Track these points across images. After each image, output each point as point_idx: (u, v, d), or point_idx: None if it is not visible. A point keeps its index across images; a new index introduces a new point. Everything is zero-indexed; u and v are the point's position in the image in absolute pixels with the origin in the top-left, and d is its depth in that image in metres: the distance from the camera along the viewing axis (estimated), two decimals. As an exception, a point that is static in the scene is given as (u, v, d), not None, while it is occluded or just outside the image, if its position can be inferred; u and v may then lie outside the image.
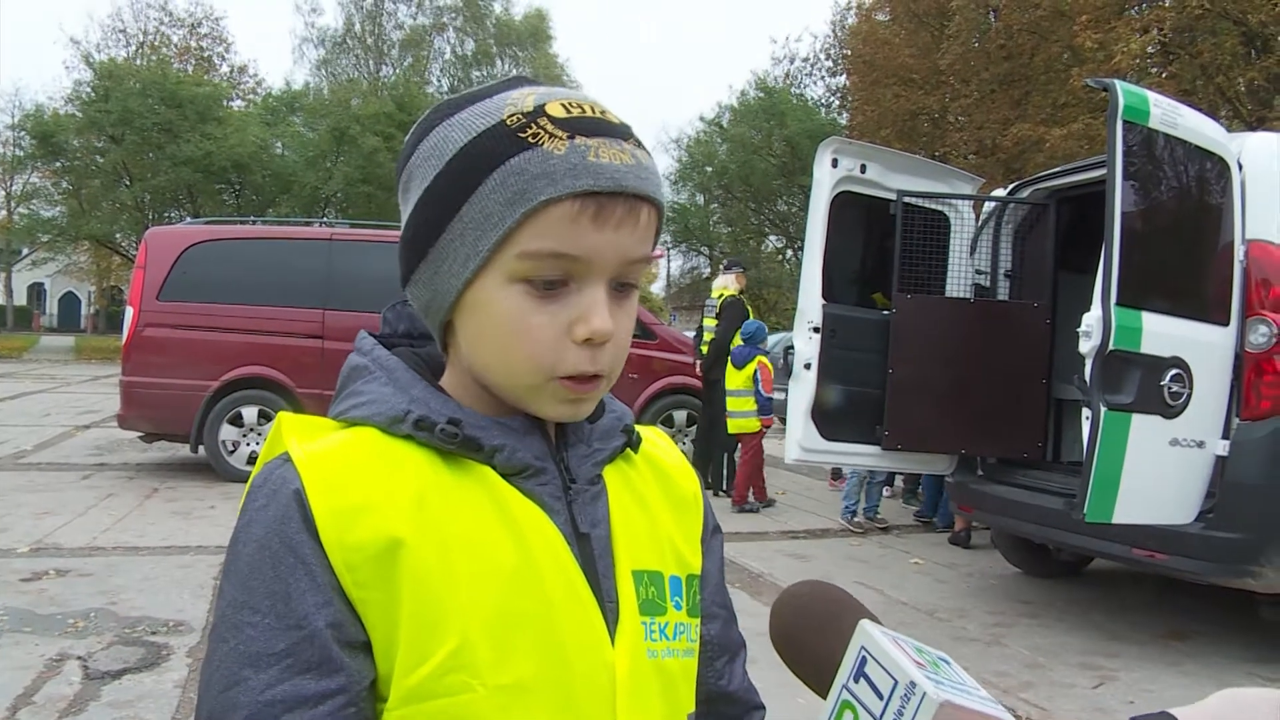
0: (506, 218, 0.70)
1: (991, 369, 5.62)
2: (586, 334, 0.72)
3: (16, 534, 6.34)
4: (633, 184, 0.71)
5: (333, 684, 0.67)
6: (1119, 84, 4.28)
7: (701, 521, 0.91)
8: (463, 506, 0.72)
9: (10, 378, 20.90)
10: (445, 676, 0.68)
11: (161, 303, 8.65)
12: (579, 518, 0.77)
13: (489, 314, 0.73)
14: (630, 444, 0.85)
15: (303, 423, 0.75)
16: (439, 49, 42.55)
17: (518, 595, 0.71)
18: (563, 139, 0.70)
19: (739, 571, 6.10)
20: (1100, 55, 15.87)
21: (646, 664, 0.77)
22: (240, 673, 0.67)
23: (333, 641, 0.67)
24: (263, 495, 0.70)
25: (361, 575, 0.68)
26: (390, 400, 0.75)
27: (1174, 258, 4.62)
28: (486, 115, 0.73)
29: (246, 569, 0.69)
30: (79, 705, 3.70)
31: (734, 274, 9.39)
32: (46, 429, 12.00)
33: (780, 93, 34.85)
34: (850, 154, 5.75)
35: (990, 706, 0.61)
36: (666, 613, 0.80)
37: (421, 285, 0.77)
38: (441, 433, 0.73)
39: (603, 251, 0.72)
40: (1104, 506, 4.22)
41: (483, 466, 0.75)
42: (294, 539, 0.68)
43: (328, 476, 0.70)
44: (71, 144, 31.17)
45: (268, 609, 0.67)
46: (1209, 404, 4.47)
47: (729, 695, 0.92)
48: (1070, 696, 4.21)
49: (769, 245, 40.81)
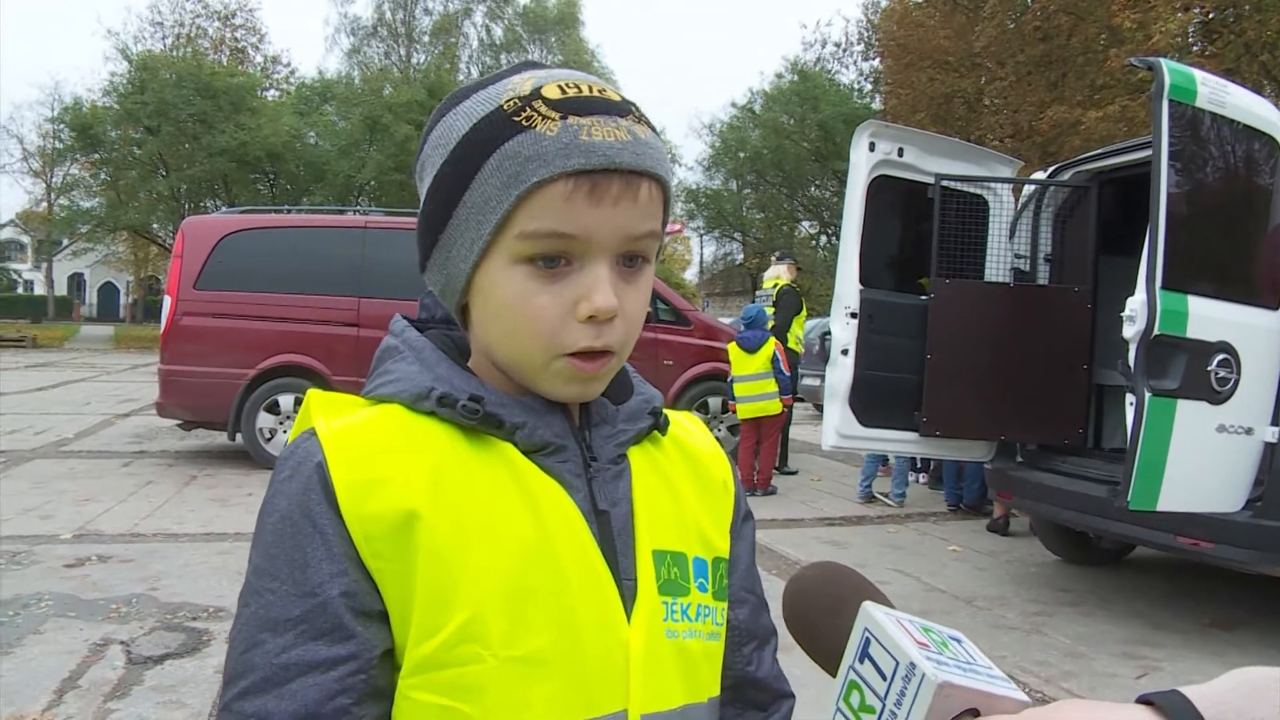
0: (503, 200, 0.72)
1: (1031, 354, 5.53)
2: (590, 311, 0.73)
3: (60, 520, 6.43)
4: (627, 160, 0.72)
5: (343, 650, 0.69)
6: (1164, 62, 4.18)
7: (733, 507, 0.90)
8: (481, 482, 0.74)
9: (52, 366, 21.25)
10: (457, 647, 0.69)
11: (199, 291, 8.73)
12: (598, 495, 0.78)
13: (496, 296, 0.75)
14: (658, 426, 0.86)
15: (331, 400, 0.78)
16: (468, 36, 42.63)
17: (532, 569, 0.72)
18: (555, 120, 0.71)
19: (776, 558, 6.07)
20: (1139, 35, 15.60)
21: (665, 644, 0.77)
22: (258, 635, 0.70)
23: (345, 610, 0.70)
24: (288, 468, 0.73)
25: (379, 546, 0.70)
26: (416, 378, 0.77)
27: (1221, 240, 4.52)
28: (487, 102, 0.75)
29: (270, 537, 0.72)
30: (123, 689, 3.74)
31: (786, 264, 9.72)
32: (87, 417, 12.17)
33: (814, 76, 34.58)
34: (888, 137, 5.67)
35: (997, 684, 0.61)
36: (689, 594, 0.80)
37: (436, 270, 0.79)
38: (463, 409, 0.75)
39: (601, 229, 0.72)
40: (1148, 494, 4.15)
41: (504, 443, 0.76)
42: (314, 510, 0.70)
43: (349, 451, 0.72)
44: (109, 135, 31.62)
45: (286, 576, 0.70)
46: (1258, 390, 4.38)
47: (757, 681, 0.91)
48: (1113, 686, 4.15)
49: (802, 231, 40.60)
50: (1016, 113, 20.90)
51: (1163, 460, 4.16)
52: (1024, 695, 0.61)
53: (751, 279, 42.19)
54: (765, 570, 5.98)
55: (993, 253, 5.83)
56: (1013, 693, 0.61)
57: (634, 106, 0.76)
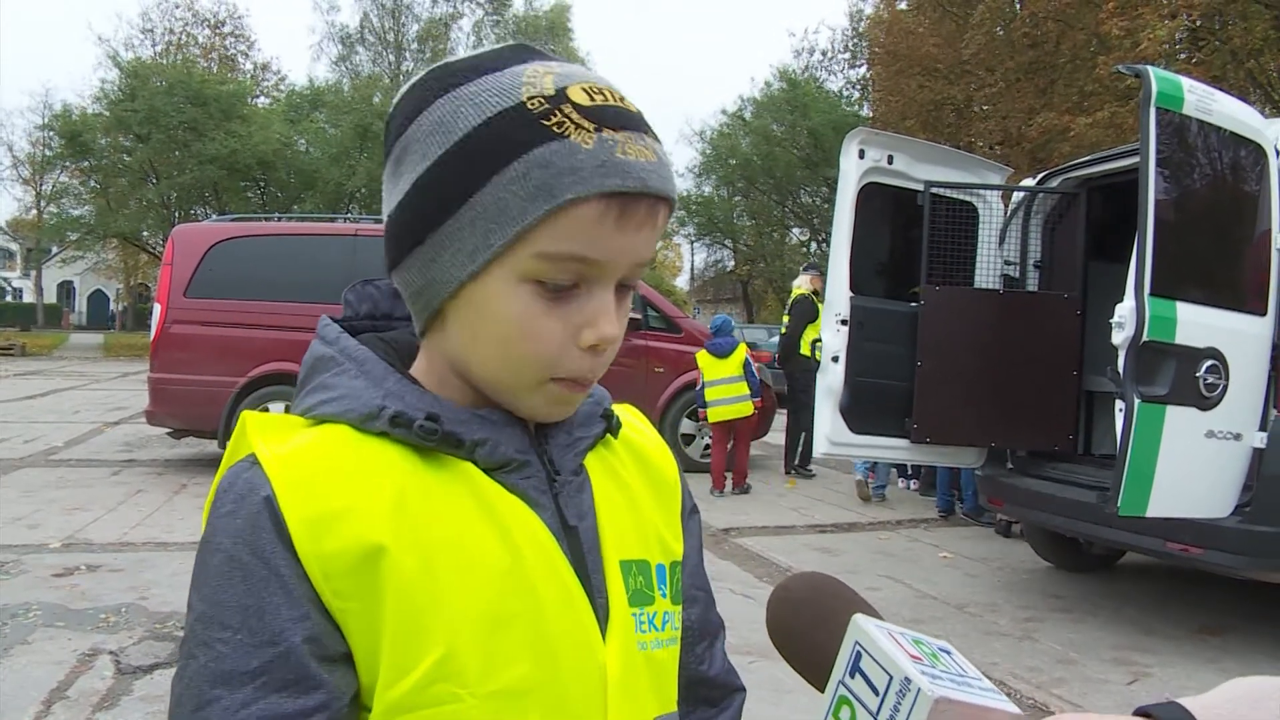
0: (527, 213, 0.65)
1: (1021, 361, 5.55)
2: (595, 340, 0.69)
3: (48, 530, 6.39)
4: (657, 184, 0.67)
5: (311, 702, 0.63)
6: (1152, 70, 4.21)
7: (680, 503, 0.88)
8: (445, 507, 0.69)
9: (41, 375, 21.15)
10: (431, 687, 0.65)
11: (188, 299, 8.70)
12: (566, 511, 0.74)
13: (492, 312, 0.69)
14: (610, 429, 0.82)
15: (269, 421, 0.71)
16: (457, 42, 42.61)
17: (507, 597, 0.68)
18: (589, 131, 0.65)
19: (766, 565, 6.07)
20: (1127, 43, 15.66)
21: (637, 656, 0.75)
22: (212, 692, 0.63)
23: (310, 657, 0.64)
24: (229, 501, 0.66)
25: (340, 585, 0.64)
26: (362, 395, 0.71)
27: (1209, 246, 4.54)
28: (502, 94, 0.67)
29: (216, 581, 0.65)
30: (111, 699, 3.72)
31: (809, 275, 9.85)
32: (76, 425, 12.11)
33: (804, 84, 34.68)
34: (877, 144, 5.69)
35: (991, 698, 0.59)
36: (655, 602, 0.78)
37: (414, 271, 0.71)
38: (420, 429, 0.69)
39: (620, 255, 0.68)
40: (1138, 500, 4.16)
41: (463, 462, 0.71)
42: (265, 549, 0.64)
43: (300, 480, 0.66)
44: (99, 143, 31.55)
45: (239, 624, 0.63)
46: (1246, 395, 4.40)
47: (709, 679, 0.90)
48: (1104, 693, 4.16)
49: (793, 238, 40.67)
50: (1006, 119, 20.96)
51: (1152, 466, 4.18)
52: (1016, 708, 0.60)
53: (742, 286, 42.26)
54: (756, 577, 6.00)
55: (982, 259, 5.85)
56: (1005, 705, 0.59)
57: (645, 118, 0.71)
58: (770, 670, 4.21)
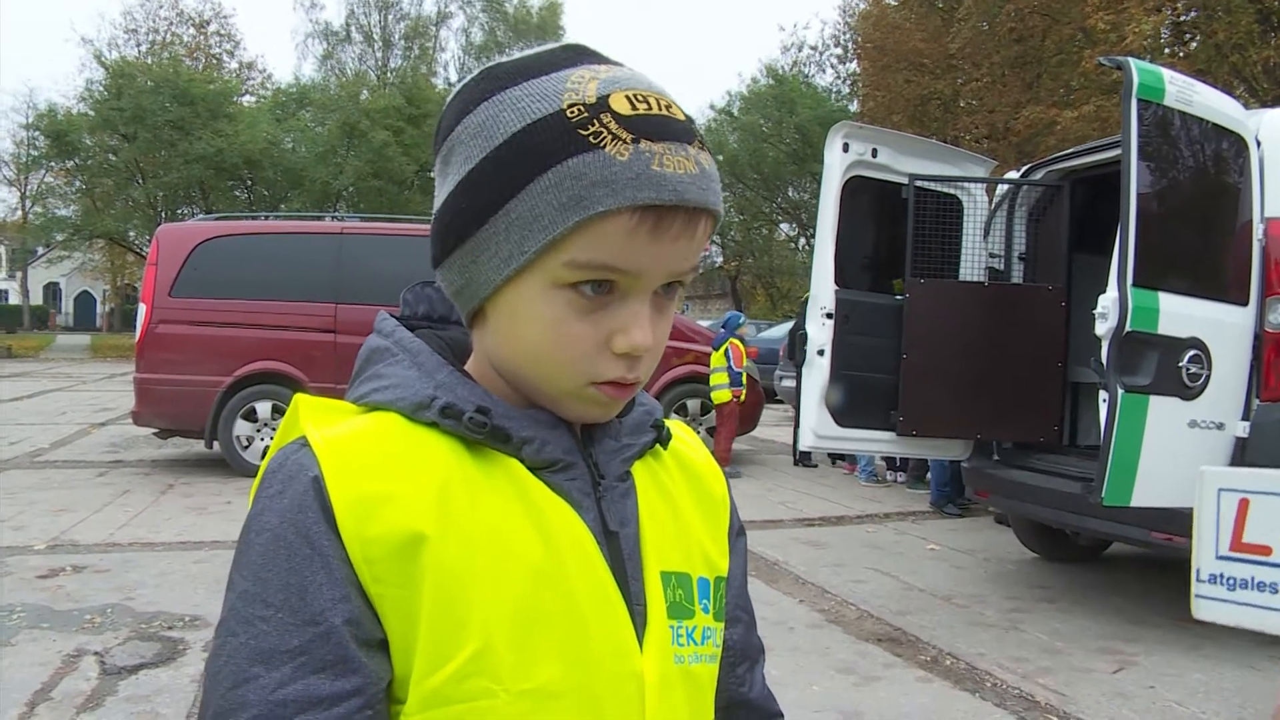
0: (558, 223, 0.65)
1: (1006, 353, 5.56)
2: (626, 347, 0.69)
3: (33, 531, 6.36)
4: (695, 196, 0.67)
5: (348, 685, 0.64)
6: (1133, 61, 4.21)
7: (728, 522, 0.88)
8: (488, 500, 0.69)
9: (27, 377, 21.05)
10: (465, 681, 0.65)
11: (174, 299, 8.67)
12: (608, 515, 0.74)
13: (527, 316, 0.69)
14: (660, 440, 0.82)
15: (321, 406, 0.72)
16: (445, 40, 42.55)
17: (543, 595, 0.68)
18: (626, 143, 0.65)
19: (755, 560, 6.07)
20: (1113, 37, 15.70)
21: (674, 670, 0.74)
22: (250, 669, 0.63)
23: (350, 640, 0.64)
24: (278, 481, 0.67)
25: (380, 570, 0.65)
26: (415, 385, 0.71)
27: (1191, 237, 4.56)
28: (544, 99, 0.67)
29: (259, 560, 0.65)
30: (96, 700, 3.70)
31: None
32: (63, 427, 12.06)
33: (790, 80, 34.71)
34: (861, 138, 5.70)
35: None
36: (694, 616, 0.77)
37: (456, 271, 0.72)
38: (470, 422, 0.69)
39: (654, 266, 0.68)
40: (1122, 490, 4.18)
41: (509, 458, 0.71)
42: (311, 529, 0.65)
43: (348, 464, 0.66)
44: (84, 143, 31.39)
45: (281, 603, 0.64)
46: (1228, 385, 4.42)
47: (749, 703, 0.90)
48: (1090, 681, 4.18)
49: (781, 233, 40.71)
50: (992, 113, 21.02)
51: (1136, 456, 4.19)
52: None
53: (731, 282, 42.27)
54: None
55: (967, 252, 5.86)
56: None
57: (695, 127, 0.70)
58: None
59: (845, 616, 5.05)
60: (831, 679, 4.04)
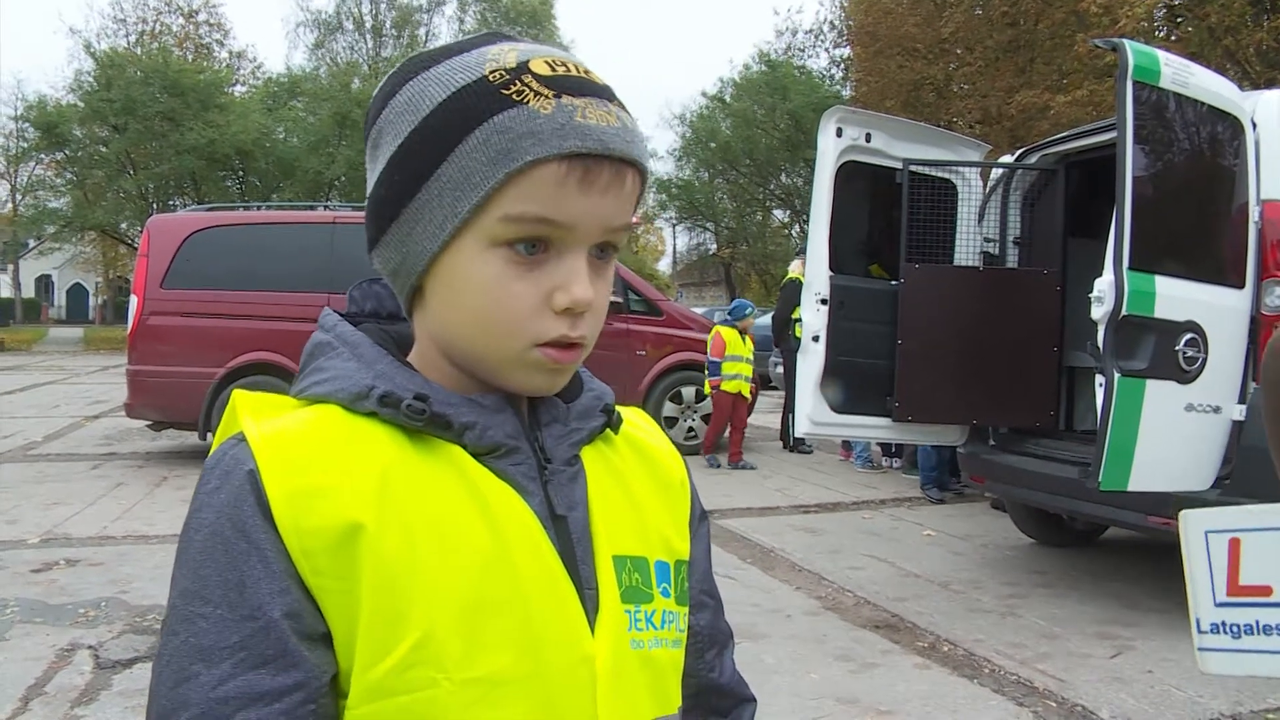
0: (489, 178, 0.66)
1: (1002, 338, 5.55)
2: (567, 303, 0.69)
3: (26, 525, 6.33)
4: (619, 147, 0.68)
5: (289, 680, 0.63)
6: (1128, 43, 4.19)
7: (689, 507, 0.87)
8: (430, 488, 0.68)
9: (20, 370, 20.98)
10: (408, 671, 0.64)
11: (166, 291, 8.64)
12: (555, 499, 0.73)
13: (466, 280, 0.69)
14: (610, 424, 0.81)
15: (260, 401, 0.72)
16: (437, 28, 42.34)
17: (489, 582, 0.67)
18: (549, 97, 0.67)
19: (751, 547, 6.07)
20: (1105, 20, 15.68)
21: (631, 655, 0.73)
22: (191, 667, 0.63)
23: (290, 633, 0.64)
24: (215, 477, 0.67)
25: (319, 562, 0.64)
26: (353, 376, 0.71)
27: (1187, 220, 4.54)
28: (467, 70, 0.69)
29: (198, 556, 0.65)
30: (90, 694, 3.68)
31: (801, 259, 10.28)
32: (56, 420, 12.02)
33: (783, 66, 34.59)
34: (855, 123, 5.67)
35: None
36: (653, 600, 0.76)
37: (392, 248, 0.73)
38: (408, 409, 0.69)
39: (587, 217, 0.68)
40: (1119, 474, 4.17)
41: (452, 446, 0.71)
42: (247, 523, 0.64)
43: (284, 457, 0.66)
44: (75, 134, 31.21)
45: (220, 599, 0.64)
46: (1225, 368, 4.41)
47: (720, 688, 0.89)
48: (1088, 666, 4.17)
49: (774, 219, 40.65)
50: (985, 98, 20.97)
51: (1133, 440, 4.18)
52: None
53: (725, 269, 42.24)
54: (740, 559, 6.00)
55: (962, 237, 5.84)
56: None
57: (615, 92, 0.71)
58: (754, 650, 4.21)
59: (842, 603, 5.04)
60: (829, 666, 4.03)
